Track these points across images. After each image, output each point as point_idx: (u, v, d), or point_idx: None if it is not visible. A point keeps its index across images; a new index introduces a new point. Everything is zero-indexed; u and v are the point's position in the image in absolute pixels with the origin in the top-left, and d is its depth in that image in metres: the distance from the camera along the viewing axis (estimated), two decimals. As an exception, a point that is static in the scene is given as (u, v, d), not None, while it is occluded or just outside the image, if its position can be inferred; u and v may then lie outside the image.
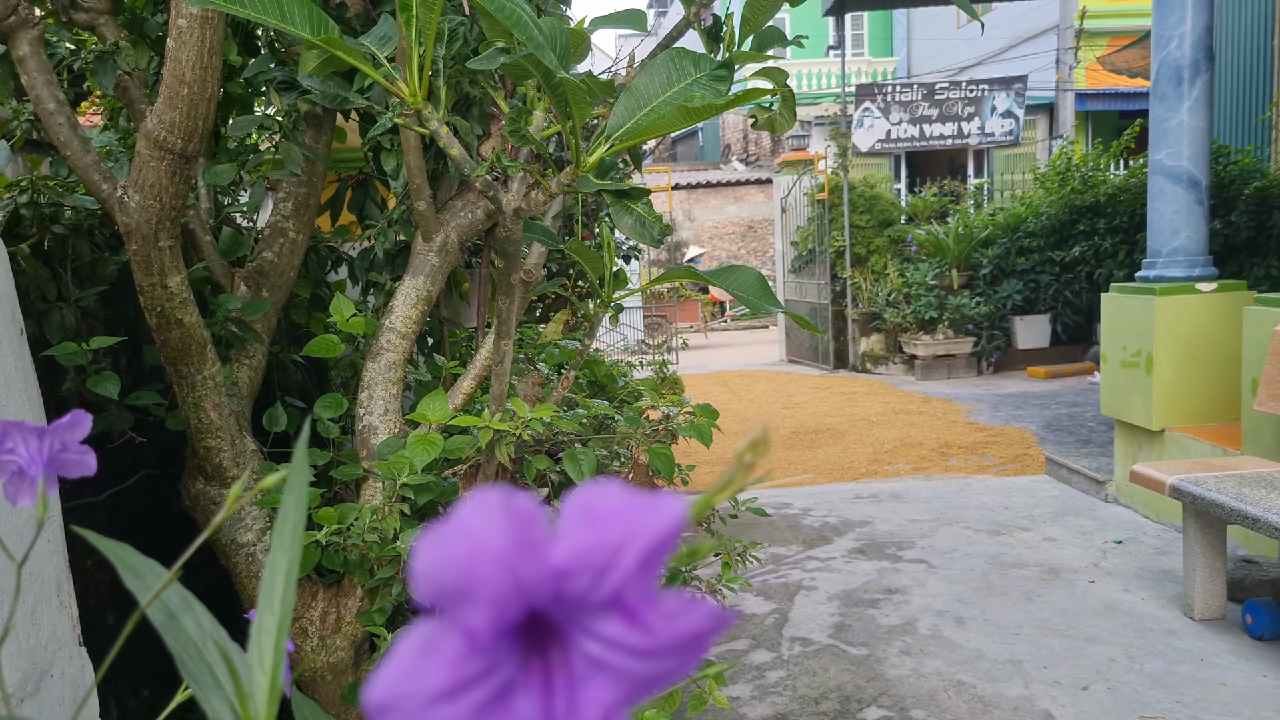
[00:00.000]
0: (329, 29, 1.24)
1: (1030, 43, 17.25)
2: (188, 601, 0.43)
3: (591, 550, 0.20)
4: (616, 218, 1.23)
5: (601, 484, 0.21)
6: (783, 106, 2.23)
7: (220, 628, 0.42)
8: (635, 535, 0.20)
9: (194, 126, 1.48)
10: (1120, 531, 5.07)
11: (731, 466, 0.29)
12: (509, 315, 1.49)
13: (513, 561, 0.19)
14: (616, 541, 0.20)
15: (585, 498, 0.21)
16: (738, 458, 0.29)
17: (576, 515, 0.21)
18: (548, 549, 0.20)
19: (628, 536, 0.20)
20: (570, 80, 1.10)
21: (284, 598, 0.39)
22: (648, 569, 0.21)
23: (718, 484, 0.29)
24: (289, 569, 0.40)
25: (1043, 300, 11.08)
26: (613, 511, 0.21)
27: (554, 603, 0.20)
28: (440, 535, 0.20)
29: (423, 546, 0.19)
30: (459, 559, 0.19)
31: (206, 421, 1.70)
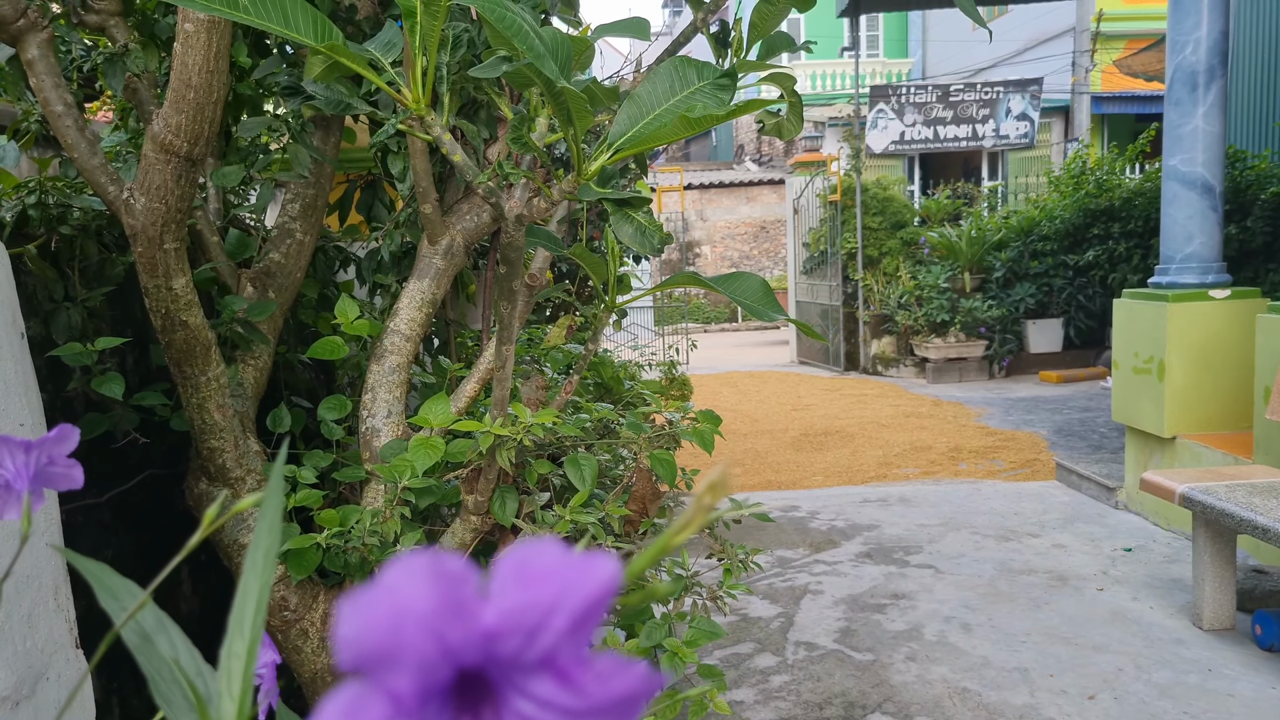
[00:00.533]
0: (333, 35, 1.24)
1: (1046, 45, 17.16)
2: (162, 622, 0.43)
3: (522, 611, 0.20)
4: (616, 226, 1.23)
5: (536, 543, 0.21)
6: (790, 112, 2.22)
7: (194, 650, 0.42)
8: (567, 597, 0.20)
9: (200, 130, 1.48)
10: (1130, 539, 5.04)
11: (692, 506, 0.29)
12: (511, 321, 1.49)
13: (440, 625, 0.19)
14: (548, 603, 0.20)
15: (518, 558, 0.21)
16: (697, 499, 0.29)
17: (508, 576, 0.21)
18: (478, 610, 0.20)
19: (560, 598, 0.20)
20: (571, 90, 1.10)
21: (254, 623, 0.39)
22: (580, 630, 0.20)
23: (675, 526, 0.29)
24: (260, 594, 0.40)
25: (1056, 304, 11.03)
26: (545, 572, 0.20)
27: (485, 663, 0.20)
28: (364, 600, 0.19)
29: (346, 611, 0.19)
30: (383, 624, 0.19)
31: (210, 422, 1.71)
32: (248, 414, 1.92)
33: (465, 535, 1.79)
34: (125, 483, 1.88)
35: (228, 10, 1.18)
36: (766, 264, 19.46)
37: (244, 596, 0.40)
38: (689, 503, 1.79)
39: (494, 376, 1.57)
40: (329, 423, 1.90)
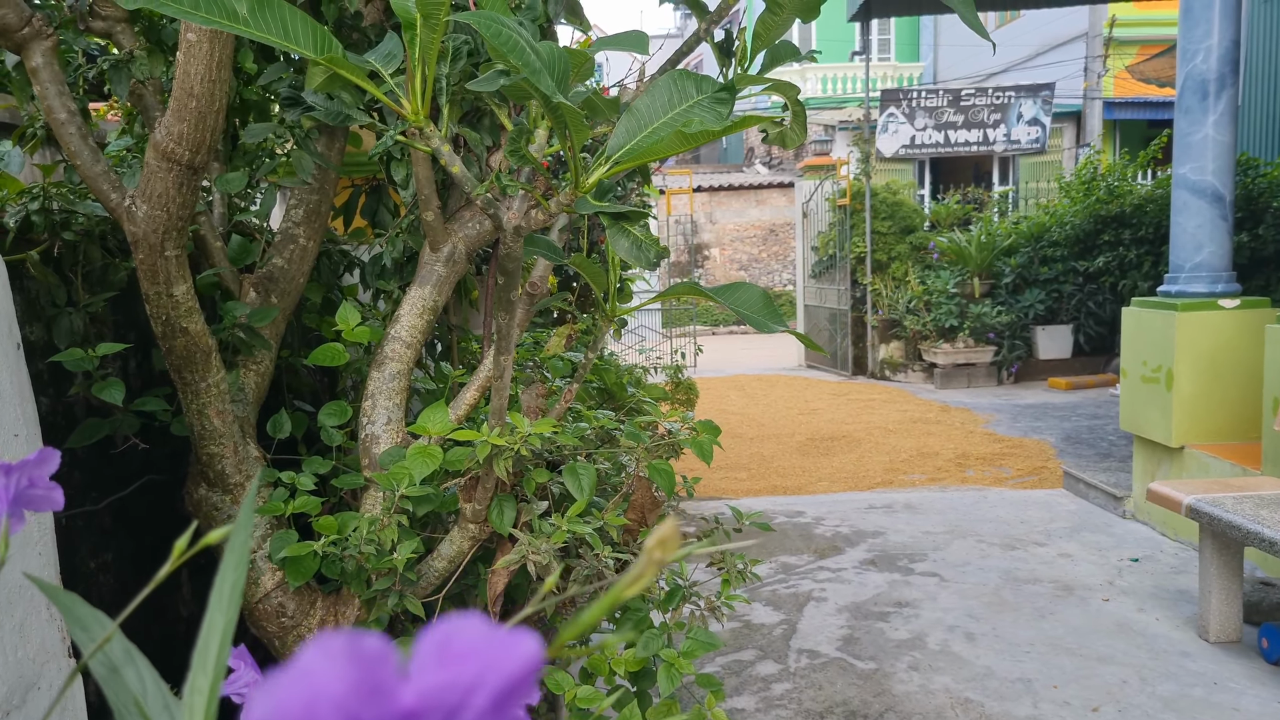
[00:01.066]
0: (332, 47, 1.25)
1: (1058, 50, 17.09)
2: (130, 654, 0.43)
3: (442, 691, 0.20)
4: (613, 239, 1.23)
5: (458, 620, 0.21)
6: (793, 121, 2.22)
7: (161, 683, 0.42)
8: (488, 675, 0.20)
9: (202, 138, 1.49)
10: (1137, 549, 5.02)
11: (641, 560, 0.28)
12: (509, 331, 1.49)
13: (356, 708, 0.19)
14: (468, 682, 0.20)
15: (439, 635, 0.21)
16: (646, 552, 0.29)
17: (429, 654, 0.21)
18: (396, 691, 0.20)
19: (480, 676, 0.20)
20: (567, 105, 1.10)
21: (218, 659, 0.39)
22: (502, 709, 0.20)
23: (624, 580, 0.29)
24: (225, 630, 0.40)
25: (1065, 310, 10.98)
26: (466, 651, 0.20)
27: (406, 744, 0.20)
28: (279, 682, 0.19)
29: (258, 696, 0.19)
30: (297, 709, 0.19)
31: (210, 428, 1.71)
32: (248, 419, 1.92)
33: (463, 543, 1.79)
34: (126, 487, 1.89)
35: (227, 23, 1.18)
36: (775, 267, 19.43)
37: (209, 631, 0.40)
38: (690, 510, 1.82)
39: (492, 386, 1.57)
40: (329, 429, 1.91)
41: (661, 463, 1.79)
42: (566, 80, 1.18)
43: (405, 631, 1.84)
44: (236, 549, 0.42)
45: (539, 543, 1.58)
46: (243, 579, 0.40)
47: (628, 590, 0.29)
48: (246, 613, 1.79)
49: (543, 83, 1.07)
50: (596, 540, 1.71)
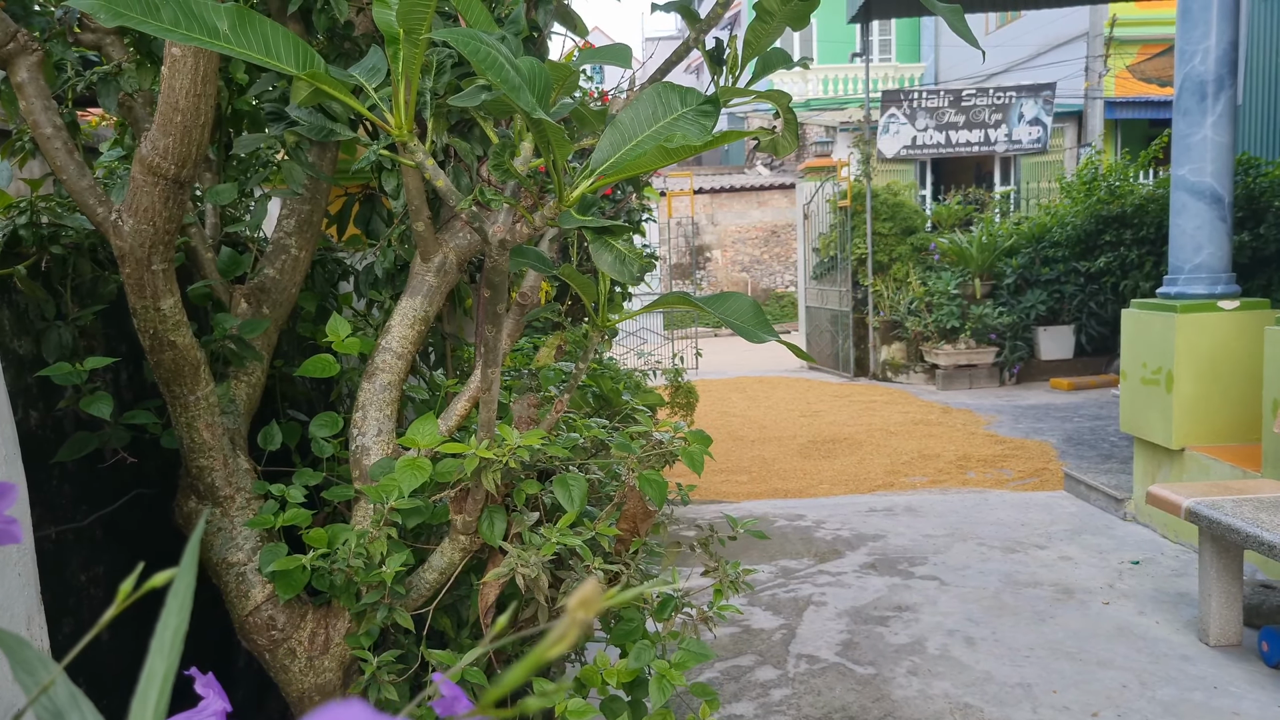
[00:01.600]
0: (314, 63, 1.25)
1: (1059, 50, 17.06)
2: (75, 699, 0.42)
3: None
4: (595, 254, 1.22)
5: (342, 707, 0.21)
6: (785, 129, 2.21)
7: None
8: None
9: (187, 153, 1.49)
10: (1138, 551, 5.00)
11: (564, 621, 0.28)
12: (496, 344, 1.49)
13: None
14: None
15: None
16: (570, 612, 0.28)
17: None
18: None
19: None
20: (548, 122, 1.09)
21: (157, 708, 0.39)
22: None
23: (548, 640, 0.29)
24: (165, 677, 0.40)
25: (1067, 311, 10.96)
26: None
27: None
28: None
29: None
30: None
31: (199, 441, 1.71)
32: (239, 431, 1.92)
33: (454, 555, 1.79)
34: (117, 500, 1.88)
35: (208, 40, 1.18)
36: (778, 268, 19.42)
37: (148, 680, 0.40)
38: (690, 514, 1.81)
39: (480, 398, 1.56)
40: (319, 440, 1.90)
41: (652, 473, 1.78)
42: (548, 95, 1.17)
43: (396, 644, 1.84)
44: (179, 594, 0.41)
45: (528, 555, 1.57)
46: (185, 624, 0.40)
47: (551, 650, 0.29)
48: (237, 625, 1.79)
49: (522, 99, 1.07)
50: (587, 552, 1.71)
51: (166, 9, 1.16)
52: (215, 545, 1.77)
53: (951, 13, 1.78)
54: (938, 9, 1.75)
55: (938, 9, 1.75)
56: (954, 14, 1.79)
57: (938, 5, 1.76)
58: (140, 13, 1.15)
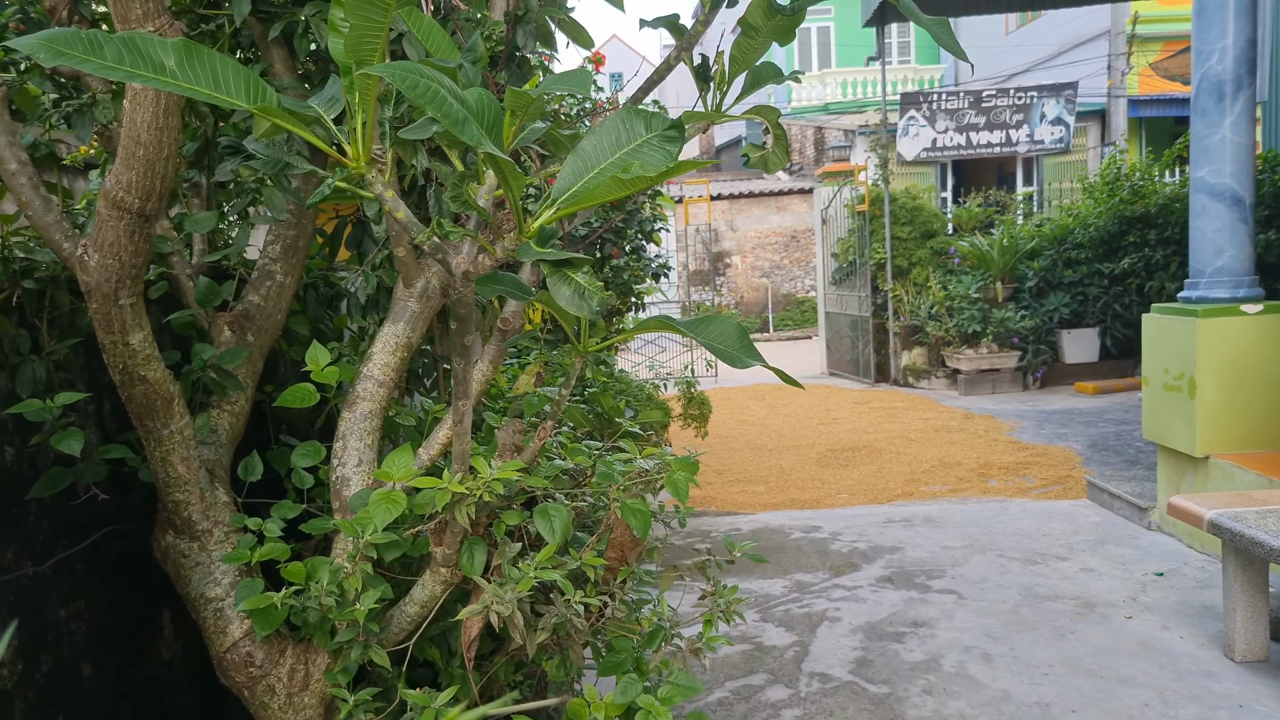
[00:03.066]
0: (266, 97, 1.22)
1: (1081, 48, 16.86)
2: None
3: None
4: (553, 288, 1.18)
5: None
6: (775, 145, 2.17)
7: None
8: None
9: (152, 186, 1.47)
10: (1162, 562, 4.89)
11: None
12: (465, 376, 1.45)
13: None
14: None
15: None
16: None
17: None
18: None
19: None
20: (498, 156, 1.06)
21: None
22: None
23: None
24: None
25: (1091, 313, 10.79)
26: None
27: None
28: None
29: None
30: None
31: (175, 475, 1.69)
32: (220, 461, 1.90)
33: (435, 588, 1.75)
34: (98, 531, 1.87)
35: (152, 77, 1.15)
36: (798, 273, 19.30)
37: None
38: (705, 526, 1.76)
39: (453, 431, 1.53)
40: (300, 471, 1.88)
41: (637, 502, 1.74)
42: (499, 127, 1.14)
43: (379, 679, 1.80)
44: None
45: (503, 592, 1.53)
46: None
47: None
48: (215, 662, 1.76)
49: (466, 133, 1.03)
50: (568, 586, 1.66)
51: (110, 46, 1.14)
52: (193, 580, 1.75)
53: (938, 25, 1.73)
54: (923, 22, 1.70)
55: (923, 22, 1.70)
56: (940, 27, 1.73)
57: (924, 19, 1.71)
58: (82, 51, 1.13)
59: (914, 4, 1.68)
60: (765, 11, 1.91)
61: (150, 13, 1.38)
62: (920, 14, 1.69)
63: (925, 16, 1.70)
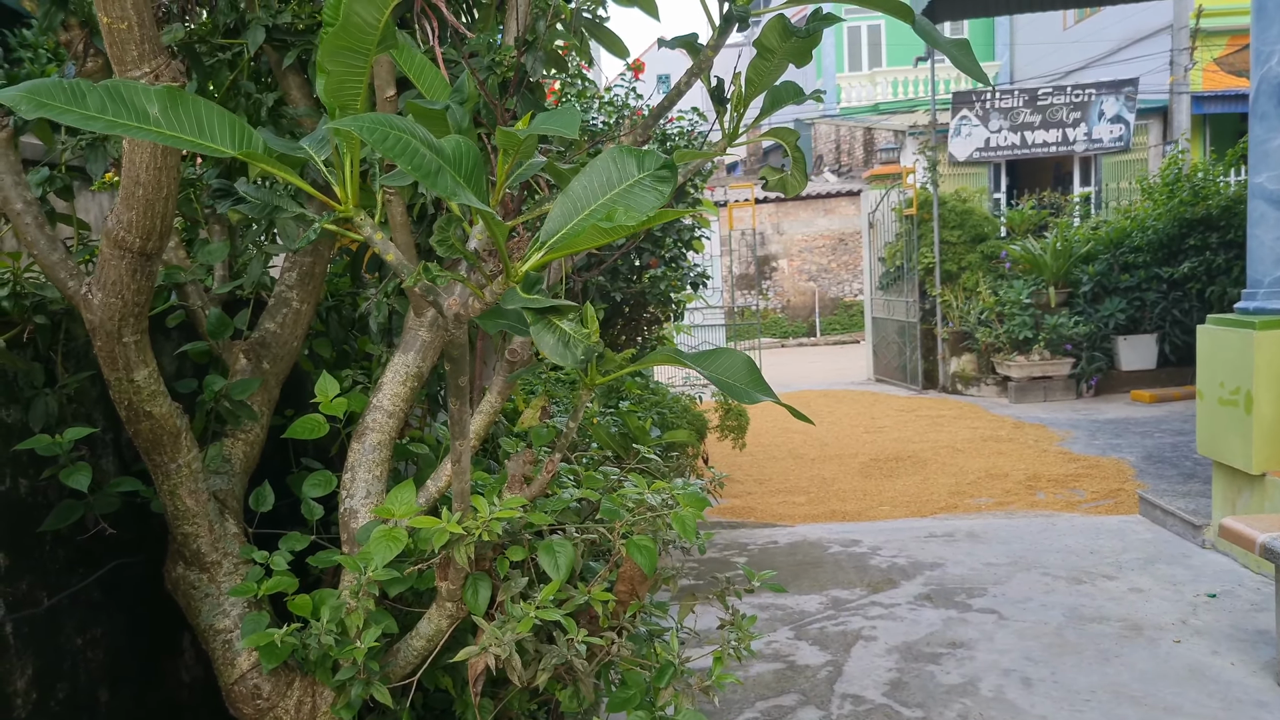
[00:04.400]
0: (252, 142, 1.21)
1: (1142, 43, 16.40)
2: None
3: None
4: (536, 337, 1.16)
5: None
6: (794, 169, 2.12)
7: None
8: None
9: (152, 225, 1.47)
10: (1215, 583, 4.71)
11: None
12: (461, 418, 1.43)
13: None
14: None
15: None
16: None
17: None
18: None
19: None
20: (477, 207, 1.03)
21: None
22: None
23: None
24: None
25: (1149, 319, 10.49)
26: None
27: None
28: None
29: None
30: None
31: (183, 509, 1.70)
32: (233, 491, 1.91)
33: (441, 622, 1.74)
34: (116, 559, 1.89)
35: (135, 125, 1.15)
36: (845, 277, 19.08)
37: None
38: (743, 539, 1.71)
39: (452, 470, 1.51)
40: (309, 502, 1.88)
41: (644, 539, 1.71)
42: (479, 174, 1.11)
43: (386, 712, 1.79)
44: None
45: (502, 633, 1.51)
46: None
47: None
48: (224, 693, 1.77)
49: (439, 185, 1.01)
50: (571, 625, 1.64)
51: (93, 96, 1.14)
52: (202, 611, 1.76)
53: (956, 48, 1.67)
54: (941, 45, 1.64)
55: (941, 45, 1.64)
56: (959, 49, 1.67)
57: (941, 41, 1.65)
58: (64, 101, 1.13)
59: (932, 29, 1.62)
60: (780, 34, 1.87)
61: (146, 54, 1.38)
62: (938, 37, 1.63)
63: (944, 39, 1.65)
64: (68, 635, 1.79)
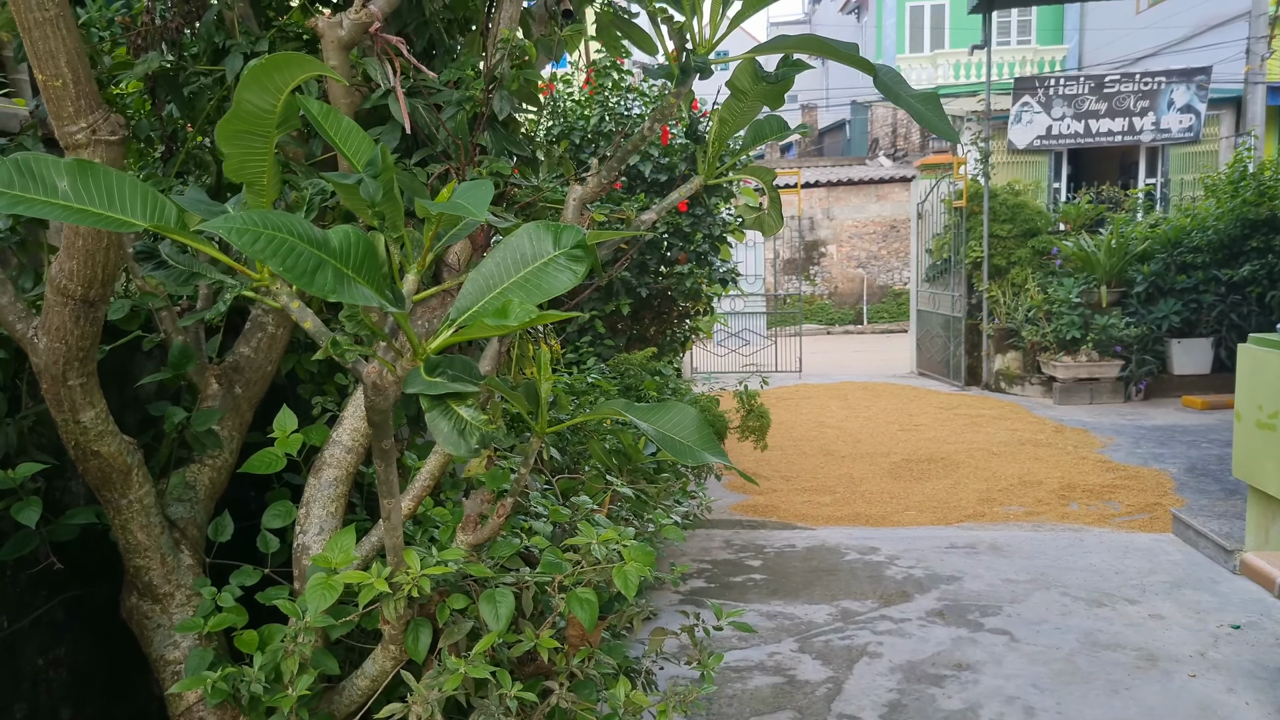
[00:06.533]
0: (163, 214, 1.21)
1: (1217, 30, 15.74)
2: None
3: None
4: (431, 424, 1.14)
5: None
6: (770, 208, 2.07)
7: None
8: None
9: (94, 274, 1.49)
10: (1241, 613, 4.56)
11: None
12: (388, 478, 1.43)
13: None
14: None
15: None
16: None
17: None
18: None
19: None
20: (351, 305, 1.02)
21: None
22: None
23: None
24: None
25: (1205, 322, 10.13)
26: None
27: None
28: None
29: None
30: None
31: (135, 542, 1.73)
32: (195, 519, 1.93)
33: (385, 664, 1.75)
34: (80, 583, 1.93)
35: (43, 200, 1.15)
36: (895, 264, 18.76)
37: None
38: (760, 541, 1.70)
39: (384, 526, 1.51)
40: (266, 534, 1.90)
41: (585, 591, 1.69)
42: (372, 263, 1.09)
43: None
44: None
45: (427, 692, 1.52)
46: None
47: None
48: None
49: (317, 284, 0.99)
50: (506, 679, 1.64)
51: (1, 169, 1.15)
52: (154, 642, 1.79)
53: (923, 102, 1.60)
54: (903, 101, 1.57)
55: (903, 101, 1.57)
56: (926, 103, 1.60)
57: (904, 97, 1.58)
58: (-32, 176, 1.14)
59: (895, 85, 1.56)
60: (751, 77, 1.82)
61: (83, 109, 1.39)
62: (901, 91, 1.56)
63: (909, 93, 1.58)
64: (28, 657, 1.84)
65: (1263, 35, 14.80)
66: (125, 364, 2.12)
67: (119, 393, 2.10)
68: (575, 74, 6.75)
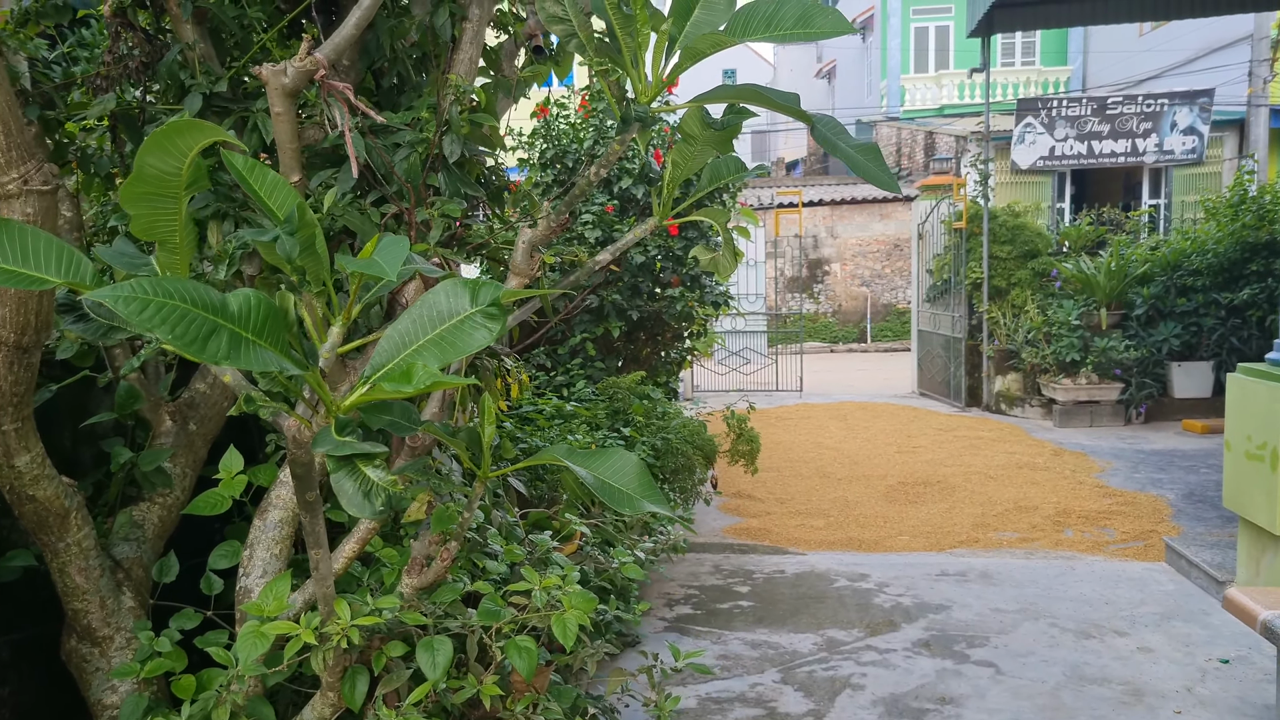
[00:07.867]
0: (79, 272, 1.21)
1: (1220, 53, 15.75)
2: None
3: None
4: (336, 485, 1.13)
5: None
6: (725, 249, 2.06)
7: None
8: None
9: (26, 321, 1.49)
10: (1230, 647, 4.50)
11: None
12: (315, 529, 1.42)
13: None
14: None
15: None
16: None
17: None
18: None
19: None
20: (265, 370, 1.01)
21: None
22: None
23: None
24: None
25: (1205, 346, 10.08)
26: None
27: None
28: None
29: None
30: None
31: (72, 586, 1.72)
32: (141, 559, 1.93)
33: (324, 710, 1.74)
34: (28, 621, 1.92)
35: (-50, 258, 1.15)
36: (899, 283, 18.72)
37: None
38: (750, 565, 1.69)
39: (314, 576, 1.50)
40: (210, 575, 1.89)
41: (525, 639, 1.68)
42: (275, 326, 1.09)
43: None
44: None
45: (356, 743, 1.50)
46: None
47: None
48: (111, 767, 1.80)
49: (208, 353, 0.99)
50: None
51: (-88, 228, 1.15)
52: (93, 686, 1.78)
53: (863, 153, 1.59)
54: (840, 152, 1.57)
55: (840, 152, 1.57)
56: (866, 154, 1.59)
57: (843, 149, 1.57)
58: (-123, 236, 1.14)
59: (834, 137, 1.55)
60: (700, 123, 1.81)
61: (14, 160, 1.39)
62: (840, 144, 1.56)
63: (848, 144, 1.57)
64: (-27, 696, 1.83)
65: (1265, 58, 14.79)
66: (82, 400, 2.12)
67: (74, 428, 2.10)
68: (571, 97, 6.78)
